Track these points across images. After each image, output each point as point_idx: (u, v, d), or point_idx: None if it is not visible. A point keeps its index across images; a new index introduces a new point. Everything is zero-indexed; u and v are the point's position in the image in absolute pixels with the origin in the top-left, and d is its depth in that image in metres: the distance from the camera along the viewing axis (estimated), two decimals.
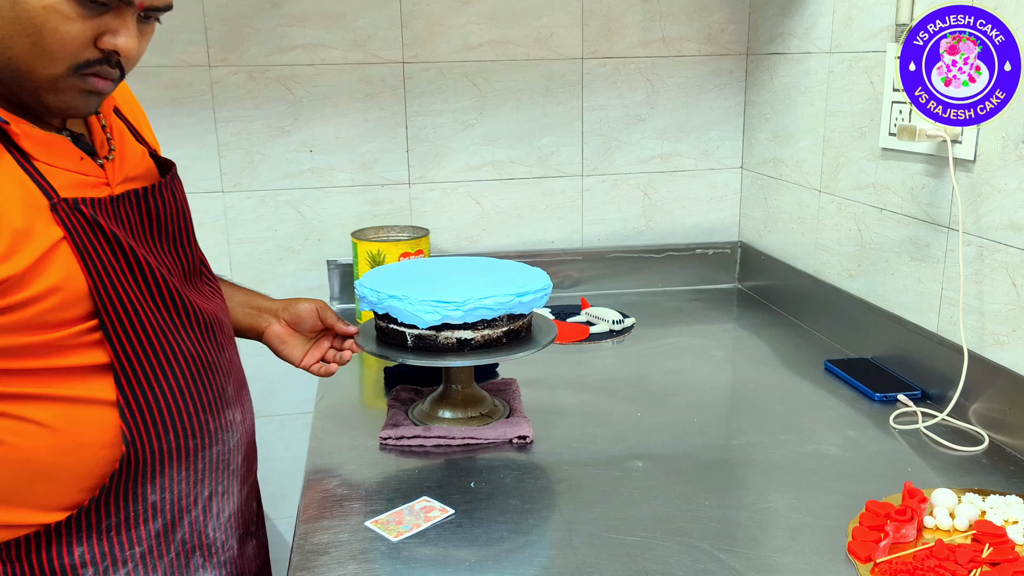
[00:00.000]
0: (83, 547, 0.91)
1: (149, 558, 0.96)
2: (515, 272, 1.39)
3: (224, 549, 1.06)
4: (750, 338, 1.84)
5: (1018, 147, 1.27)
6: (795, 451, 1.29)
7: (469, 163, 2.07)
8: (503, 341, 1.30)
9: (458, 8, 1.98)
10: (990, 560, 0.99)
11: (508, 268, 1.42)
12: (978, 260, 1.36)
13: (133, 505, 0.93)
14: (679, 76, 2.10)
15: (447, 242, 2.10)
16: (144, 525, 0.95)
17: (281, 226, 2.03)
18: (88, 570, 0.91)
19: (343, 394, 1.56)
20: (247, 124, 1.95)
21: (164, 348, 0.94)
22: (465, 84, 2.02)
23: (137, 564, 0.95)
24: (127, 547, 0.94)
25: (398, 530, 1.08)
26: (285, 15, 1.92)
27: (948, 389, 1.39)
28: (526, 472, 1.24)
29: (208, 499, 1.02)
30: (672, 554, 1.03)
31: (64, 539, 0.90)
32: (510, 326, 1.31)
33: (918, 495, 1.09)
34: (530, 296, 1.30)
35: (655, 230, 2.20)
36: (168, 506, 0.97)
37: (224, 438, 1.04)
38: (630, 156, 2.14)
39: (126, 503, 0.93)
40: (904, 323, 1.54)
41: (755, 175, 2.13)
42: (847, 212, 1.73)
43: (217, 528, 1.05)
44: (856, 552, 1.01)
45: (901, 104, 1.52)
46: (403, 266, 1.47)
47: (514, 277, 1.36)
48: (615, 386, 1.58)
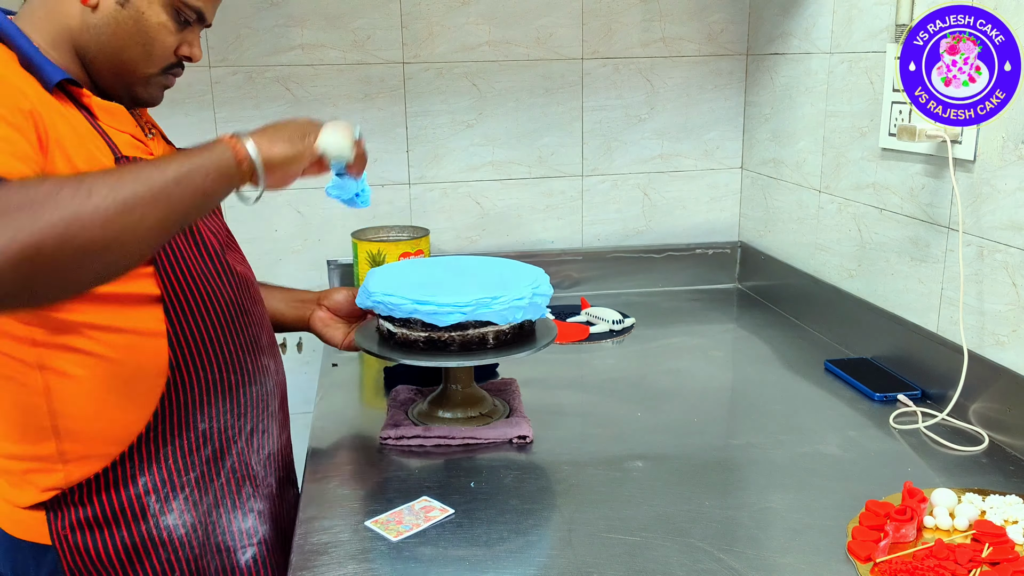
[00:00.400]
0: (145, 477, 1.04)
1: (203, 483, 1.09)
2: (515, 270, 1.39)
3: (264, 484, 1.18)
4: (750, 338, 1.84)
5: (1018, 147, 1.27)
6: (795, 451, 1.29)
7: (469, 163, 2.07)
8: (506, 340, 1.30)
9: (458, 8, 1.98)
10: (990, 560, 0.99)
11: (504, 267, 1.42)
12: (978, 260, 1.36)
13: (185, 432, 1.06)
14: (679, 76, 2.10)
15: (447, 242, 2.10)
16: (196, 452, 1.08)
17: (281, 226, 2.03)
18: (151, 498, 1.04)
19: (343, 394, 1.56)
20: (246, 124, 1.94)
21: (206, 290, 1.07)
22: (465, 84, 2.02)
23: (193, 489, 1.08)
24: (183, 472, 1.06)
25: (398, 530, 1.08)
26: (284, 15, 1.92)
27: (948, 389, 1.39)
28: (526, 472, 1.24)
29: (251, 434, 1.15)
30: (672, 554, 1.03)
31: (128, 471, 1.03)
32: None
33: (918, 495, 1.09)
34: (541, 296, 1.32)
35: (655, 230, 2.20)
36: (216, 435, 1.09)
37: (261, 380, 1.16)
38: (630, 156, 2.14)
39: (179, 430, 1.05)
40: (904, 323, 1.54)
41: (755, 175, 2.13)
42: (847, 212, 1.73)
43: (258, 463, 1.16)
44: (856, 552, 1.01)
45: (901, 104, 1.52)
46: (399, 268, 1.45)
47: (519, 276, 1.35)
48: (615, 386, 1.58)
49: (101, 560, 1.04)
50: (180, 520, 1.07)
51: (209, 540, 1.10)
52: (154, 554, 1.06)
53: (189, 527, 1.08)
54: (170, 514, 1.06)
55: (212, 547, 1.10)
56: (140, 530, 1.05)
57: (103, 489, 1.03)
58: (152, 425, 1.04)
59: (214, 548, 1.11)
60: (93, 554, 1.04)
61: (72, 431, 1.01)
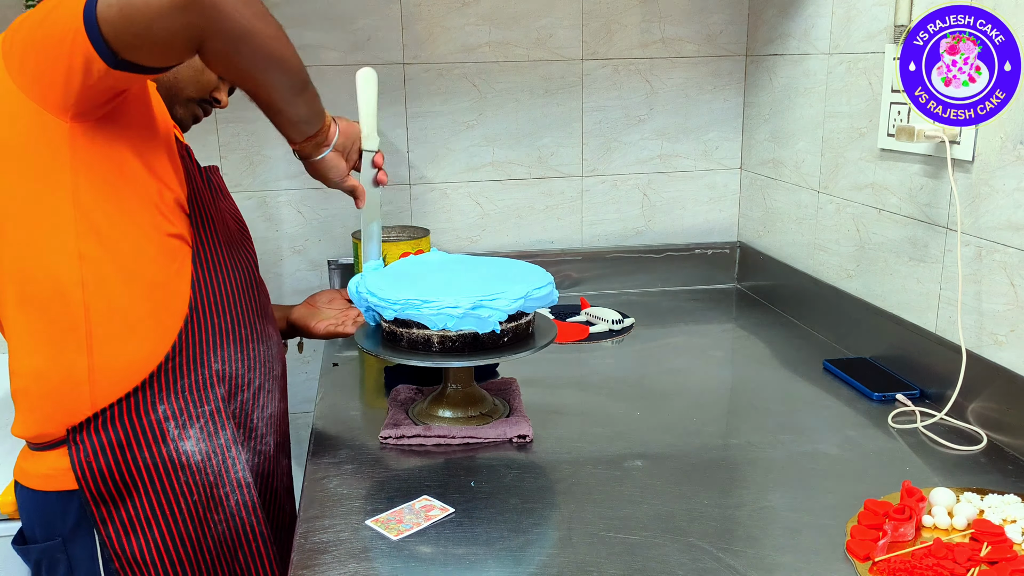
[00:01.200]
0: (164, 405, 1.13)
1: (217, 417, 1.18)
2: (515, 276, 1.38)
3: (262, 442, 1.26)
4: (749, 338, 1.85)
5: (1016, 148, 1.28)
6: (794, 450, 1.30)
7: (469, 164, 2.08)
8: (504, 341, 1.31)
9: (458, 9, 1.98)
10: (988, 559, 0.99)
11: (497, 265, 1.42)
12: (976, 260, 1.36)
13: (200, 369, 1.16)
14: (678, 77, 2.11)
15: (447, 243, 2.10)
16: (211, 388, 1.17)
17: (282, 226, 2.04)
18: (170, 423, 1.13)
19: (343, 394, 1.57)
20: (247, 125, 1.96)
21: (225, 253, 1.22)
22: (465, 85, 2.03)
23: (207, 421, 1.17)
24: (198, 405, 1.16)
25: (399, 529, 1.09)
26: (284, 16, 1.90)
27: (946, 389, 1.39)
28: (526, 471, 1.24)
29: (258, 389, 1.25)
30: (671, 553, 1.03)
31: (149, 398, 1.12)
32: (516, 323, 1.31)
33: (916, 494, 1.10)
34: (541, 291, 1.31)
35: (654, 230, 2.20)
36: (228, 378, 1.20)
37: (267, 342, 1.29)
38: (629, 157, 2.14)
39: (195, 365, 1.15)
40: (903, 323, 1.55)
41: (754, 176, 2.13)
42: (846, 212, 1.73)
43: (260, 420, 1.26)
44: (855, 551, 1.01)
45: (900, 105, 1.53)
46: (409, 264, 1.45)
47: (520, 274, 1.35)
48: (615, 386, 1.59)
49: (125, 482, 1.11)
50: (197, 447, 1.15)
51: (228, 473, 1.18)
52: (174, 475, 1.13)
53: (206, 455, 1.16)
54: (188, 440, 1.14)
55: (231, 480, 1.18)
56: (161, 451, 1.12)
57: (125, 414, 1.10)
58: (171, 356, 1.13)
59: (234, 482, 1.18)
60: (117, 476, 1.11)
61: (104, 351, 1.08)
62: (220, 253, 1.21)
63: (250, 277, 1.28)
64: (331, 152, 1.23)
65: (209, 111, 1.31)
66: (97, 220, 1.06)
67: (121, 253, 1.08)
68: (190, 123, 1.31)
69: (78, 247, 1.05)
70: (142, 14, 0.92)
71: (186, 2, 0.92)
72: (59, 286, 1.06)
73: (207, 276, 1.18)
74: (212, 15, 0.95)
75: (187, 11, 0.93)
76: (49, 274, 1.06)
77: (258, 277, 1.32)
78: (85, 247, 1.06)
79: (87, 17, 0.93)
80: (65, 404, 1.09)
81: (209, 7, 0.94)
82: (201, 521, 1.15)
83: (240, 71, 1.05)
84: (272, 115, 1.13)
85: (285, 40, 1.07)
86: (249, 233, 1.36)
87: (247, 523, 1.19)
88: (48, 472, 1.11)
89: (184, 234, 1.15)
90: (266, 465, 1.27)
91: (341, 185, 1.29)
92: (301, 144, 1.20)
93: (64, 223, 1.05)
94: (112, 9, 0.93)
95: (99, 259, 1.07)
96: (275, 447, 1.30)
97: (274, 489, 1.30)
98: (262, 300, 1.31)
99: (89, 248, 1.06)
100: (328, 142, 1.22)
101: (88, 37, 0.94)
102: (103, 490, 1.10)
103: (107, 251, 1.07)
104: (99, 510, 1.11)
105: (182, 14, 0.93)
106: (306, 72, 1.12)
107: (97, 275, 1.07)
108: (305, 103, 1.15)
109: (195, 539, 1.15)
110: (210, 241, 1.19)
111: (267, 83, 1.08)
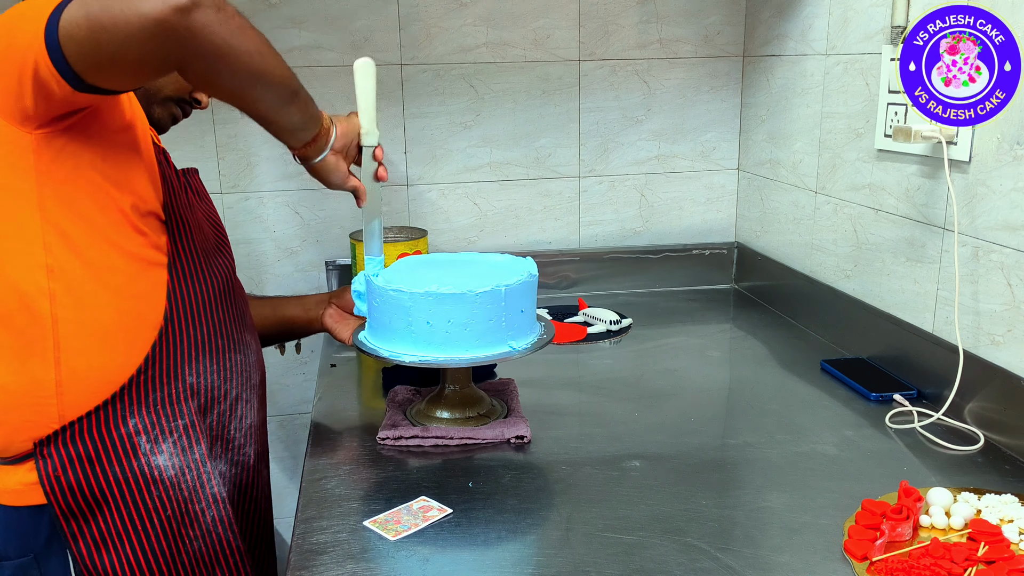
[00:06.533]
0: (135, 418, 1.10)
1: (191, 431, 1.15)
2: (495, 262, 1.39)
3: (241, 453, 1.25)
4: (747, 338, 1.85)
5: (1013, 148, 1.28)
6: (791, 450, 1.30)
7: (467, 164, 2.08)
8: None
9: (455, 10, 1.98)
10: (985, 559, 1.00)
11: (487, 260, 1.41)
12: (973, 260, 1.36)
13: (173, 382, 1.13)
14: (676, 78, 2.11)
15: (445, 243, 2.10)
16: (184, 402, 1.15)
17: (280, 227, 2.04)
18: (142, 437, 1.10)
19: (342, 394, 1.57)
20: (244, 126, 1.96)
21: (202, 260, 1.19)
22: (463, 86, 2.03)
23: (181, 436, 1.14)
24: (171, 419, 1.13)
25: (396, 530, 1.09)
26: (283, 17, 1.92)
27: (944, 389, 1.40)
28: (524, 472, 1.24)
29: (235, 400, 1.23)
30: (669, 553, 1.03)
31: (119, 412, 1.09)
32: None
33: (914, 494, 1.10)
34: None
35: (652, 231, 2.20)
36: (203, 391, 1.17)
37: (244, 351, 1.26)
38: (627, 157, 2.14)
39: (168, 378, 1.13)
40: (900, 323, 1.55)
41: (751, 176, 2.13)
42: (843, 213, 1.73)
43: (238, 431, 1.24)
44: (852, 551, 1.01)
45: (897, 106, 1.53)
46: (417, 261, 1.44)
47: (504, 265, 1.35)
48: (612, 386, 1.59)
49: (95, 497, 1.08)
50: (170, 462, 1.12)
51: (202, 488, 1.15)
52: (146, 490, 1.11)
53: (179, 470, 1.13)
54: (160, 455, 1.12)
55: (206, 495, 1.15)
56: (132, 466, 1.10)
57: (94, 428, 1.08)
58: (143, 368, 1.10)
59: (209, 497, 1.15)
60: (87, 491, 1.08)
61: (72, 364, 1.06)
62: (197, 261, 1.18)
63: (227, 284, 1.25)
64: (330, 154, 1.20)
65: (189, 112, 1.27)
66: (67, 231, 1.04)
67: (91, 265, 1.06)
68: (168, 124, 1.26)
69: (46, 259, 1.03)
70: (112, 38, 0.89)
71: (160, 28, 0.89)
72: (25, 298, 1.03)
73: (183, 286, 1.15)
74: (186, 39, 0.92)
75: (161, 36, 0.90)
76: (14, 287, 1.03)
77: (236, 283, 1.29)
78: (53, 259, 1.04)
79: (48, 38, 0.91)
80: (31, 417, 1.06)
81: (183, 31, 0.91)
82: (175, 537, 1.13)
83: (222, 90, 1.03)
84: (265, 125, 1.11)
85: (268, 53, 1.02)
86: (227, 237, 1.32)
87: (223, 539, 1.17)
88: (16, 487, 1.08)
89: (159, 244, 1.12)
90: (245, 476, 1.26)
91: (343, 187, 1.27)
92: (300, 150, 1.18)
93: (31, 235, 1.03)
94: (80, 30, 0.90)
95: (69, 271, 1.04)
96: (255, 457, 1.29)
97: (254, 499, 1.29)
98: (240, 307, 1.28)
99: (58, 260, 1.04)
100: (327, 145, 1.20)
101: (50, 59, 0.91)
102: (72, 505, 1.08)
103: (77, 262, 1.05)
104: (70, 525, 1.08)
105: (155, 40, 0.90)
106: (295, 80, 1.08)
107: (66, 287, 1.05)
108: (297, 111, 1.11)
109: (170, 555, 1.13)
110: (187, 249, 1.16)
111: (252, 98, 1.05)
